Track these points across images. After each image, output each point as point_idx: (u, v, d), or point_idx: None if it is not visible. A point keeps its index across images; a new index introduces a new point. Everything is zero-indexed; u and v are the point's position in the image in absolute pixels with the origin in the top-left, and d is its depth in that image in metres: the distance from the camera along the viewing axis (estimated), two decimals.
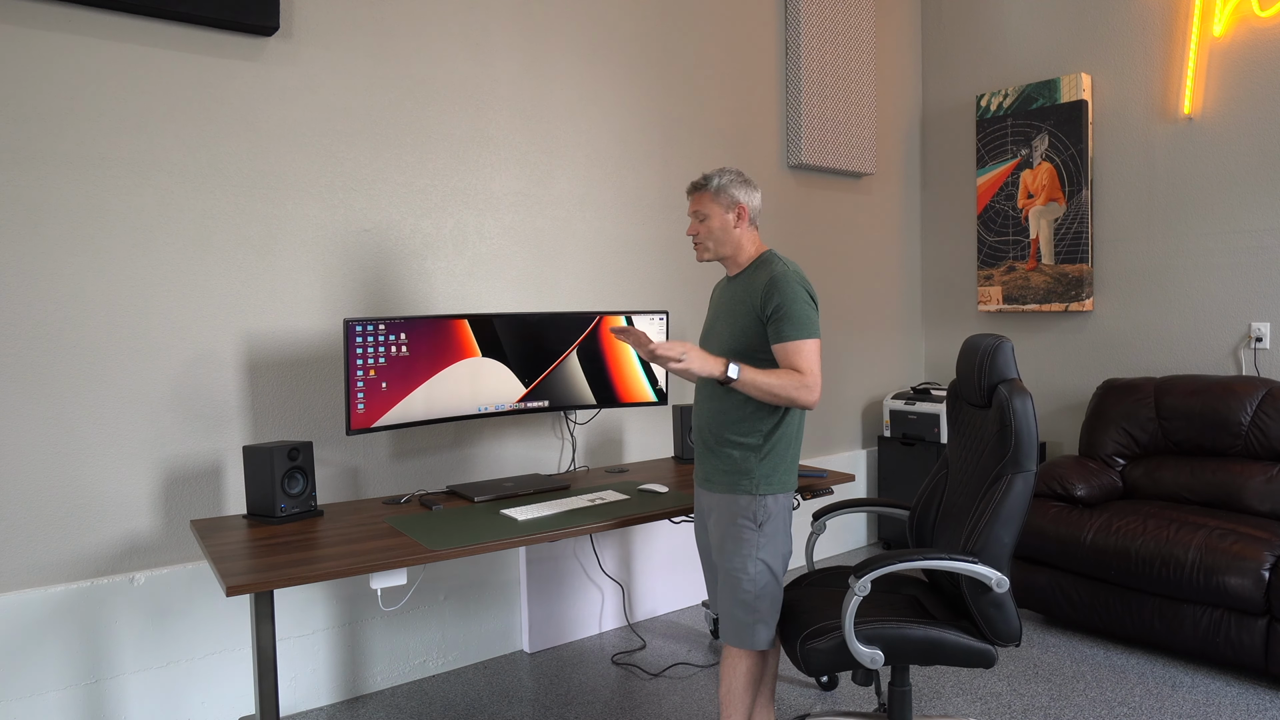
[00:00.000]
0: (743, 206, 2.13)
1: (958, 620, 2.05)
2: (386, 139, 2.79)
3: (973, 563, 1.94)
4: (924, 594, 2.23)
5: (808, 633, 2.01)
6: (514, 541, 2.13)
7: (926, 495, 2.37)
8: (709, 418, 2.14)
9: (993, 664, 2.00)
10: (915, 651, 1.98)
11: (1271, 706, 2.58)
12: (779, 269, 2.06)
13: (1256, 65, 3.41)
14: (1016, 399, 2.00)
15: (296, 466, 2.33)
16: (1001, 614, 1.97)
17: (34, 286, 2.24)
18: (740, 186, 2.13)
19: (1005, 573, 1.96)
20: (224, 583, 1.78)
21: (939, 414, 3.95)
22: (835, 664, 1.98)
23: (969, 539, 2.00)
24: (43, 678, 2.25)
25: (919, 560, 1.96)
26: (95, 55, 2.30)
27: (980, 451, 2.13)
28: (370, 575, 2.00)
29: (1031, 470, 1.99)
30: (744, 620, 2.05)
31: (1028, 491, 1.99)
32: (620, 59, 3.36)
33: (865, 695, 2.72)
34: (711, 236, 2.14)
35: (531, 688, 2.81)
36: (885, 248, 4.46)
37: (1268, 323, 3.41)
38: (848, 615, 1.92)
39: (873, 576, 1.92)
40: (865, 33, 4.15)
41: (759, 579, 2.05)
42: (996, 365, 2.10)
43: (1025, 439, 1.99)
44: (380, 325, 2.47)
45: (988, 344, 2.12)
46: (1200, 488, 3.18)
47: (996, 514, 1.97)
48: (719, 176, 2.13)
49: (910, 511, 2.39)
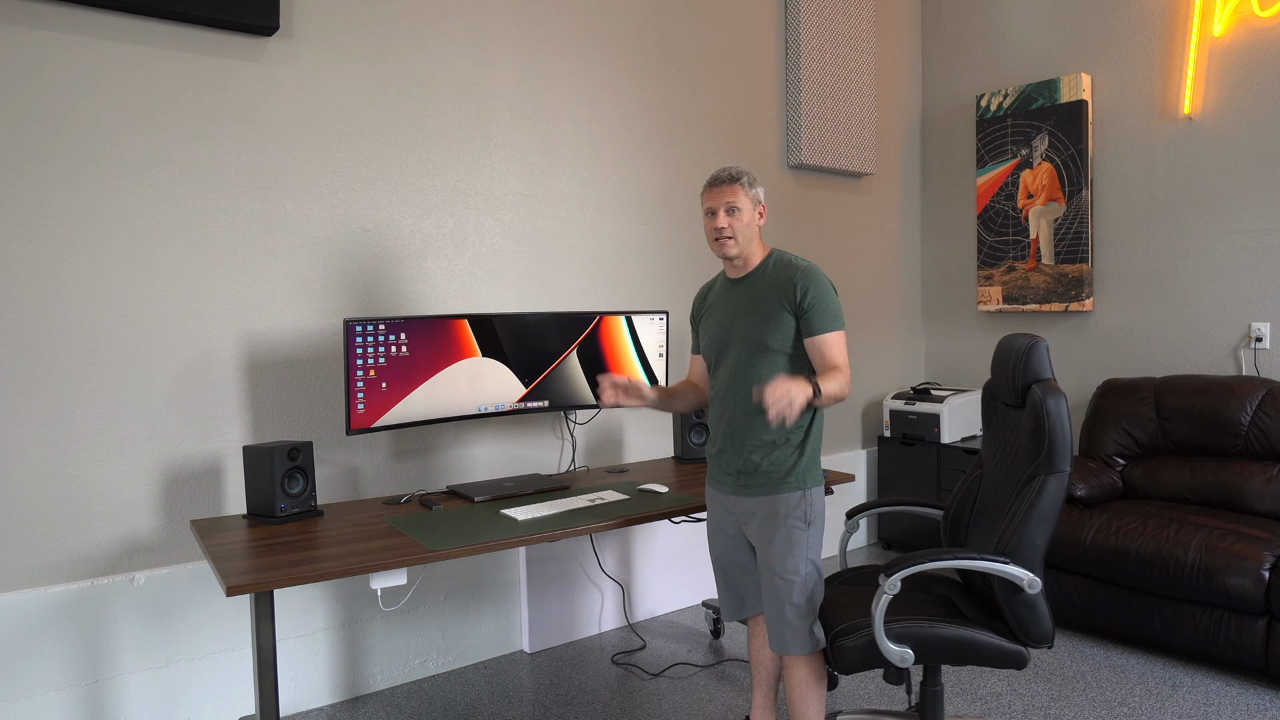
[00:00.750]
0: (764, 206, 2.16)
1: (990, 621, 2.04)
2: (386, 139, 2.79)
3: (1004, 563, 1.93)
4: (957, 594, 2.23)
5: (838, 630, 2.03)
6: (514, 541, 2.13)
7: (961, 495, 2.35)
8: (747, 420, 2.10)
9: (1024, 665, 1.99)
10: (945, 651, 1.99)
11: (1271, 706, 2.58)
12: (804, 262, 2.09)
13: (1256, 65, 3.41)
14: (1050, 399, 1.98)
15: (296, 466, 2.33)
16: (1033, 615, 1.96)
17: (34, 286, 2.24)
18: (761, 187, 2.17)
19: (1038, 573, 1.95)
20: (224, 583, 1.78)
21: (939, 414, 3.95)
22: (866, 662, 1.99)
23: (1001, 539, 1.99)
24: (43, 678, 2.25)
25: (949, 560, 1.95)
26: (95, 55, 2.30)
27: (1014, 452, 2.13)
28: (370, 575, 2.00)
29: (1065, 471, 1.97)
30: (799, 626, 2.05)
31: (1061, 492, 1.97)
32: (620, 59, 3.37)
33: (897, 694, 2.72)
34: (743, 230, 2.11)
35: (531, 688, 2.81)
36: (885, 248, 4.46)
37: (1268, 323, 3.41)
38: (877, 613, 1.93)
39: (902, 575, 1.92)
40: (865, 33, 4.15)
41: (809, 580, 2.05)
42: (1030, 365, 2.08)
43: (1059, 439, 1.97)
44: (380, 325, 2.47)
45: (1022, 344, 2.10)
46: (1200, 488, 3.18)
47: (1029, 515, 1.96)
48: (747, 173, 2.14)
49: (944, 511, 2.39)
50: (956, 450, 3.91)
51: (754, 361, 2.08)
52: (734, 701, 2.69)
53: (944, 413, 3.95)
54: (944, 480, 3.96)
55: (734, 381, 2.12)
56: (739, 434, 2.12)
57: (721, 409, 2.17)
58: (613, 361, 2.99)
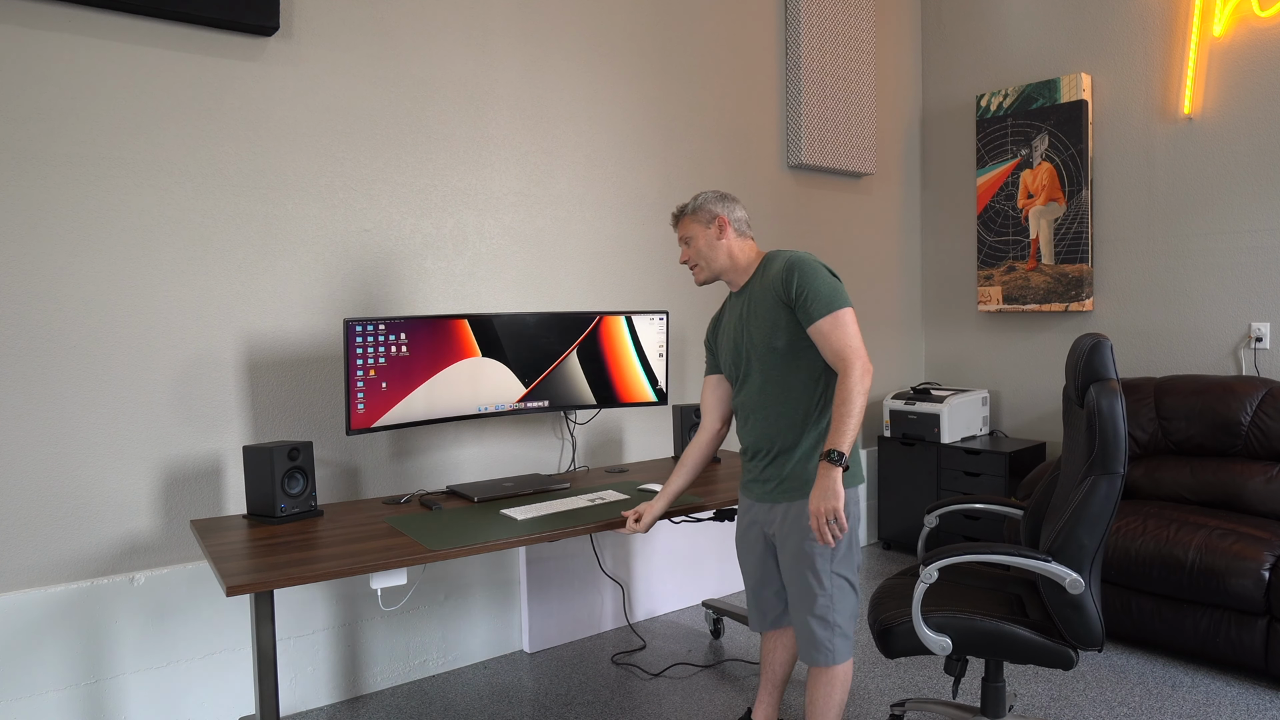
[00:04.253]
0: (722, 218, 2.14)
1: (1048, 621, 2.04)
2: (386, 139, 2.79)
3: (1045, 561, 1.93)
4: (1029, 594, 2.23)
5: (884, 616, 2.09)
6: (514, 541, 2.13)
7: (1040, 494, 2.36)
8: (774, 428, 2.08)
9: (1070, 666, 1.99)
10: (985, 644, 2.00)
11: (1271, 706, 2.58)
12: (790, 253, 2.07)
13: (1256, 65, 3.41)
14: (1104, 399, 1.95)
15: (296, 466, 2.33)
16: (1080, 616, 1.95)
17: (34, 286, 2.24)
18: (716, 201, 2.17)
19: (1085, 574, 1.93)
20: (224, 583, 1.78)
21: (939, 414, 3.95)
22: (909, 648, 2.05)
23: (1052, 538, 1.99)
24: (43, 678, 2.25)
25: (986, 554, 1.97)
26: (95, 55, 2.30)
27: (1075, 452, 2.13)
28: (370, 575, 2.00)
29: (1118, 473, 1.94)
30: (821, 638, 2.02)
31: (1113, 494, 1.94)
32: (620, 59, 3.37)
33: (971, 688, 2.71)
34: (700, 255, 2.17)
35: (531, 688, 2.81)
36: (885, 248, 4.46)
37: (1268, 323, 3.41)
38: (915, 601, 1.98)
39: (940, 565, 1.98)
40: (865, 33, 4.15)
41: (834, 591, 2.02)
42: (1092, 365, 2.04)
43: (1110, 440, 1.94)
44: (380, 325, 2.47)
45: (1086, 343, 2.07)
46: (1200, 488, 3.18)
47: (1078, 515, 1.94)
48: (694, 199, 2.19)
49: (1025, 511, 2.39)
50: (956, 450, 3.91)
51: (768, 366, 2.07)
52: (734, 701, 2.69)
53: (944, 413, 3.95)
54: (944, 480, 3.96)
55: (754, 389, 2.11)
56: (764, 439, 2.11)
57: (745, 418, 2.16)
58: (613, 361, 2.99)
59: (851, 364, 1.93)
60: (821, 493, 1.88)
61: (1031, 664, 2.09)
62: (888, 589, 2.25)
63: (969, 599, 2.14)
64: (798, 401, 2.05)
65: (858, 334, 1.97)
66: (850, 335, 1.96)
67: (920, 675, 2.84)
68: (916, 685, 2.77)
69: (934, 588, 2.23)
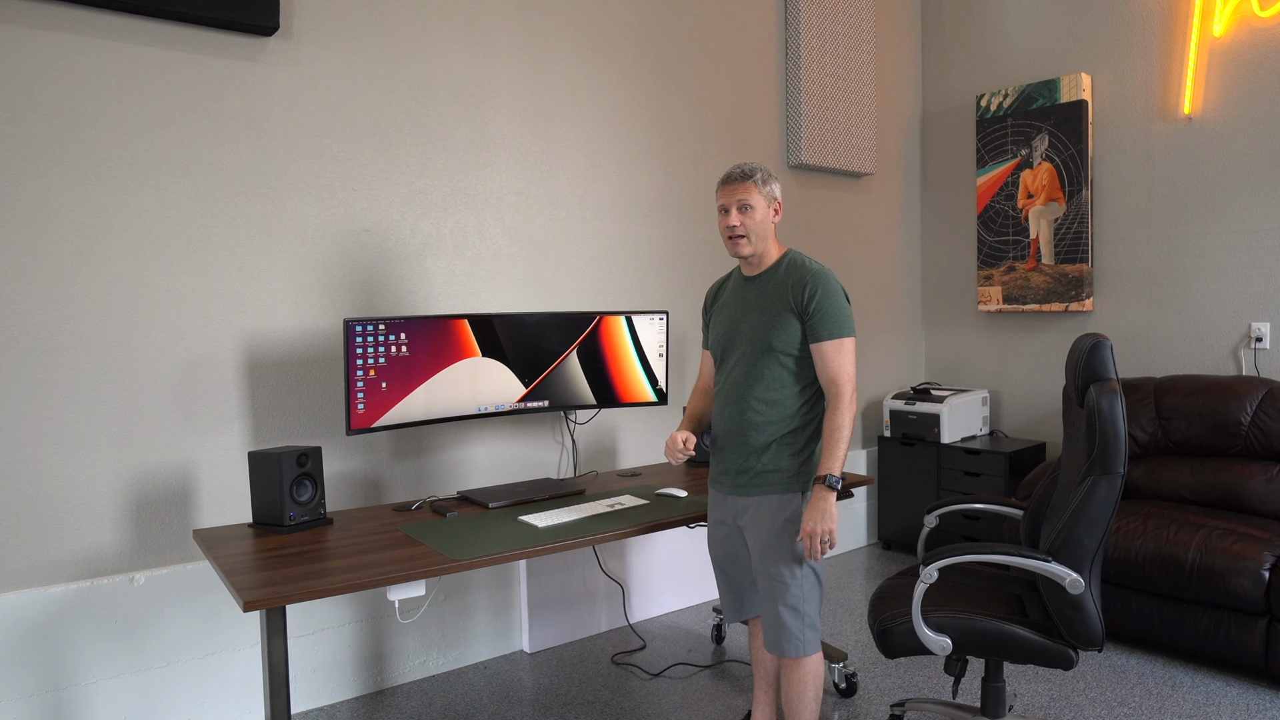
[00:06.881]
0: (779, 203, 2.13)
1: (1048, 621, 2.05)
2: (386, 139, 2.79)
3: (1045, 561, 1.93)
4: (1029, 594, 2.23)
5: (884, 616, 2.10)
6: (540, 550, 2.11)
7: (1040, 495, 2.36)
8: (747, 420, 2.09)
9: (1070, 666, 1.99)
10: (985, 644, 2.01)
11: (1271, 706, 2.58)
12: (816, 266, 2.07)
13: (1256, 65, 3.41)
14: (1104, 399, 1.95)
15: (305, 473, 2.29)
16: (1079, 616, 1.95)
17: (34, 286, 2.23)
18: (777, 183, 2.12)
19: (1085, 574, 1.93)
20: (240, 597, 1.72)
21: (939, 414, 3.95)
22: (909, 648, 2.05)
23: (1051, 538, 2.00)
24: (42, 678, 2.25)
25: (986, 554, 1.98)
26: (95, 55, 2.30)
27: (1075, 452, 2.13)
28: (388, 587, 1.96)
29: (1117, 473, 1.94)
30: (792, 628, 2.04)
31: (1112, 494, 1.94)
32: (620, 59, 3.36)
33: (972, 689, 2.72)
34: (756, 229, 2.08)
35: (531, 688, 2.81)
36: (885, 248, 4.46)
37: (1268, 323, 3.41)
38: (915, 601, 1.99)
39: (940, 565, 1.99)
40: (865, 33, 4.15)
41: (804, 583, 2.05)
42: (1091, 364, 2.05)
43: (1110, 440, 1.94)
44: (380, 325, 2.47)
45: (1086, 343, 2.08)
46: (1200, 488, 3.18)
47: (1078, 515, 1.94)
48: (761, 169, 2.09)
49: (1025, 511, 2.40)
50: (956, 450, 3.91)
51: (758, 361, 2.07)
52: (734, 701, 2.69)
53: (944, 413, 3.95)
54: (944, 481, 3.96)
55: (737, 380, 2.11)
56: (738, 433, 2.11)
57: (722, 406, 2.16)
58: (613, 361, 2.99)
59: (843, 390, 2.00)
60: (820, 515, 1.95)
61: (1031, 664, 2.10)
62: (888, 589, 2.26)
63: (969, 599, 2.14)
64: (778, 401, 2.06)
65: (854, 363, 2.04)
66: (848, 363, 2.03)
67: (920, 675, 2.84)
68: (916, 685, 2.77)
69: (934, 588, 2.23)
